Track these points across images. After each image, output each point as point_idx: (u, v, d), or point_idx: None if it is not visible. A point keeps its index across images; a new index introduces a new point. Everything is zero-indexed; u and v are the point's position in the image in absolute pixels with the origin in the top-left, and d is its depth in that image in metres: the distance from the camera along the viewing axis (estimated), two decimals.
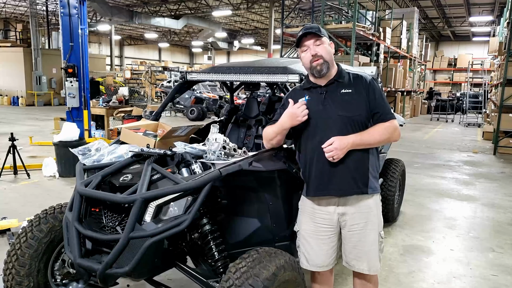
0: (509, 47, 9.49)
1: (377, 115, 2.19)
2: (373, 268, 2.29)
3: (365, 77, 2.25)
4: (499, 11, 20.64)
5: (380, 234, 2.29)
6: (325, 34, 2.23)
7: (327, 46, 2.21)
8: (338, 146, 2.08)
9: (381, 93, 2.24)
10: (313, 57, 2.17)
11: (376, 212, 2.28)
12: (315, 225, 2.31)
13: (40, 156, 7.88)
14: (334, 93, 2.21)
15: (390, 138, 2.23)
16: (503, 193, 6.38)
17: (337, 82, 2.23)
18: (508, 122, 9.92)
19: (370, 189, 2.22)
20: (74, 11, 7.12)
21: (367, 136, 2.15)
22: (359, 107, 2.17)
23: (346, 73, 2.26)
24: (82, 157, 2.71)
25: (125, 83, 24.80)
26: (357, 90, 2.20)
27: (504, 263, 3.88)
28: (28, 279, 2.50)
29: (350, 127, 2.16)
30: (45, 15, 24.49)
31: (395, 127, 2.20)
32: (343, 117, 2.16)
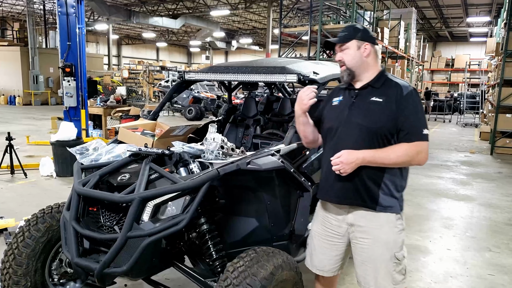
0: (506, 47, 9.52)
1: (402, 134, 1.99)
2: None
3: (403, 88, 2.04)
4: (496, 11, 20.72)
5: (395, 255, 2.10)
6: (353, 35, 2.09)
7: (352, 51, 2.09)
8: (344, 160, 1.97)
9: (415, 109, 2.00)
10: (338, 61, 2.13)
11: (388, 230, 2.09)
12: (323, 228, 2.26)
13: (37, 156, 7.86)
14: (364, 99, 2.08)
15: (411, 162, 2.00)
16: (500, 193, 6.40)
17: (371, 88, 2.09)
18: (505, 122, 9.96)
19: (379, 206, 2.06)
20: (71, 10, 7.11)
21: (381, 155, 1.98)
22: (382, 119, 2.00)
23: (387, 80, 2.10)
24: (80, 157, 2.70)
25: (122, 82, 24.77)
26: (388, 100, 2.02)
27: (500, 262, 3.90)
28: (25, 278, 2.50)
29: (367, 138, 2.02)
30: (42, 14, 24.42)
31: (418, 150, 1.97)
32: (362, 127, 2.03)
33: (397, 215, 2.11)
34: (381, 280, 2.12)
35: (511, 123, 9.90)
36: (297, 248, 2.83)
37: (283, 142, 2.64)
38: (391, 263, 2.11)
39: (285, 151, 2.57)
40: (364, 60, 2.10)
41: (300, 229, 2.75)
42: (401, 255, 2.13)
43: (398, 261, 2.12)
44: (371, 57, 2.12)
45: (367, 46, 2.10)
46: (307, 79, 2.99)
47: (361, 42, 2.10)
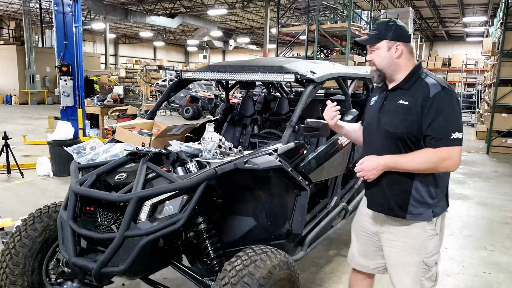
0: (502, 47, 9.56)
1: (428, 138, 1.89)
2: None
3: (430, 89, 1.90)
4: (492, 11, 20.78)
5: (424, 261, 2.03)
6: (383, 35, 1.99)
7: (382, 52, 2.00)
8: (365, 167, 1.94)
9: (442, 112, 1.86)
10: (369, 62, 2.08)
11: (418, 236, 2.02)
12: (359, 223, 2.31)
13: (34, 155, 7.83)
14: (392, 101, 2.01)
15: (436, 168, 1.89)
16: (496, 192, 6.43)
17: (399, 90, 2.00)
18: (501, 122, 10.00)
19: (409, 215, 1.98)
20: (68, 8, 7.08)
21: (405, 161, 1.90)
22: (405, 124, 1.92)
23: (418, 79, 1.98)
24: (77, 156, 2.70)
25: (120, 82, 24.71)
26: (414, 103, 1.91)
27: (496, 260, 3.92)
28: (22, 278, 2.49)
29: (391, 143, 1.97)
30: (38, 13, 24.31)
31: (445, 157, 1.85)
32: (386, 132, 1.98)
33: (429, 221, 2.02)
34: (409, 285, 2.07)
35: (507, 122, 9.94)
36: (295, 247, 2.84)
37: (281, 141, 2.65)
38: (420, 269, 2.04)
39: (283, 151, 2.57)
40: (395, 62, 2.00)
41: (297, 228, 2.75)
42: (432, 261, 2.06)
43: (428, 267, 2.05)
44: (403, 58, 2.01)
45: (398, 46, 1.99)
46: (304, 78, 3.00)
47: (392, 42, 1.99)
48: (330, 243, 4.11)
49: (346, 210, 3.54)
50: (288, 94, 5.41)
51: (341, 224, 3.54)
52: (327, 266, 3.63)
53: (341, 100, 4.34)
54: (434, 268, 2.08)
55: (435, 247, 2.06)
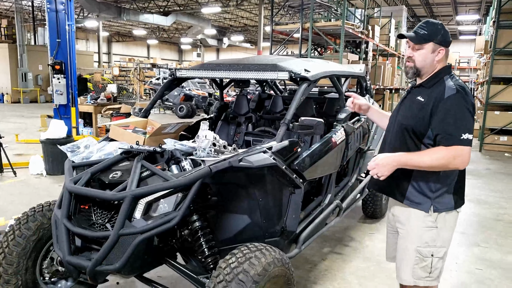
0: (495, 45, 9.64)
1: (438, 138, 2.00)
2: (401, 276, 2.24)
3: (446, 91, 2.02)
4: (485, 10, 20.93)
5: (418, 249, 2.15)
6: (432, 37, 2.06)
7: (426, 52, 2.08)
8: (379, 163, 2.04)
9: (454, 113, 1.98)
10: (408, 57, 2.15)
11: (415, 226, 2.15)
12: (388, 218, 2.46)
13: (27, 154, 7.78)
14: (412, 97, 2.16)
15: (447, 166, 1.98)
16: (489, 189, 6.49)
17: (421, 88, 2.15)
18: (493, 120, 10.08)
19: (407, 200, 2.15)
20: (60, 6, 7.04)
21: (416, 158, 2.01)
22: (418, 119, 2.06)
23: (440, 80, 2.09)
24: (71, 154, 2.69)
25: (113, 80, 24.56)
26: (428, 101, 2.05)
27: (489, 257, 3.96)
28: (16, 277, 2.48)
29: (403, 136, 2.12)
30: (30, 11, 24.10)
31: (455, 155, 1.95)
32: (400, 124, 2.16)
33: (427, 213, 2.12)
34: (402, 270, 2.24)
35: (499, 120, 10.03)
36: (289, 244, 2.85)
37: (275, 139, 2.66)
38: (413, 257, 2.17)
39: (277, 148, 2.58)
40: (434, 64, 2.11)
41: (291, 226, 2.76)
42: (426, 252, 2.15)
43: (421, 256, 2.16)
44: (442, 60, 2.12)
45: (441, 50, 2.09)
46: (298, 76, 3.01)
47: (437, 45, 2.08)
48: (324, 241, 4.13)
49: (340, 208, 3.55)
50: (282, 92, 5.42)
51: (335, 222, 3.56)
52: (321, 264, 3.65)
53: (335, 98, 4.36)
54: (429, 259, 2.16)
55: (431, 240, 2.15)
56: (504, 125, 9.95)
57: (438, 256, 2.17)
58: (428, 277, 2.19)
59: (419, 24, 2.12)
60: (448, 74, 2.11)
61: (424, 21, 2.13)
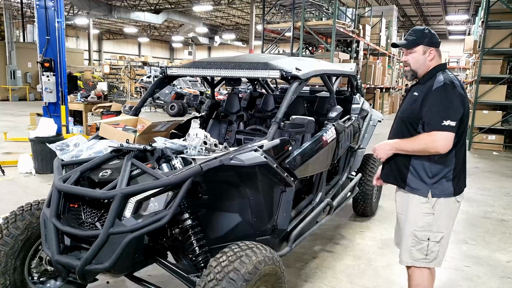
0: (483, 45, 9.74)
1: (424, 124, 2.26)
2: (401, 257, 2.47)
3: (435, 83, 2.27)
4: (474, 10, 21.16)
5: (414, 233, 2.37)
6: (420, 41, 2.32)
7: (418, 55, 2.34)
8: (377, 147, 2.43)
9: (435, 101, 2.21)
10: (404, 62, 2.43)
11: (413, 210, 2.37)
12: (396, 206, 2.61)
13: (16, 153, 7.68)
14: (411, 93, 2.41)
15: (427, 149, 2.22)
16: (476, 187, 6.57)
17: (418, 85, 2.40)
18: (482, 119, 10.20)
19: (408, 187, 2.38)
20: (50, 3, 6.96)
21: (404, 143, 2.32)
22: (412, 110, 2.32)
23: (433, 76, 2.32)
24: (60, 153, 2.66)
25: (104, 78, 24.36)
26: (420, 93, 2.31)
27: (476, 254, 4.01)
28: (4, 277, 2.46)
29: (403, 127, 2.38)
30: (19, 7, 23.79)
31: (434, 139, 2.18)
32: (399, 116, 2.43)
33: (424, 198, 2.33)
34: (402, 250, 2.45)
35: (488, 119, 10.14)
36: (280, 243, 2.86)
37: (266, 138, 2.66)
38: (410, 239, 2.39)
39: (268, 147, 2.58)
40: (427, 64, 2.35)
41: (282, 224, 2.77)
42: (422, 236, 2.35)
43: (417, 239, 2.37)
44: (435, 60, 2.36)
45: (432, 51, 2.34)
46: (290, 75, 3.01)
47: (427, 47, 2.34)
48: (315, 239, 4.15)
49: (330, 206, 3.57)
50: (274, 91, 5.43)
51: (325, 220, 3.57)
52: (312, 262, 3.67)
53: (326, 97, 4.38)
54: (425, 242, 2.35)
55: (427, 225, 2.34)
56: (492, 124, 10.07)
57: (435, 240, 2.35)
58: (424, 259, 2.38)
59: (408, 33, 2.40)
60: (441, 70, 2.34)
61: (411, 30, 2.41)
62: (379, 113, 5.09)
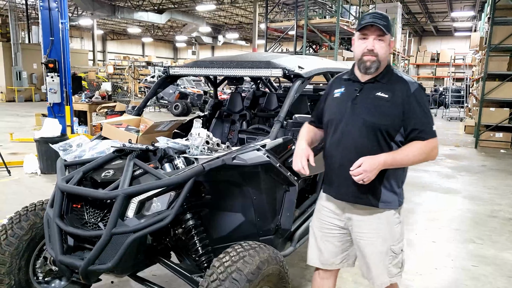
0: (490, 42, 9.65)
1: (415, 132, 1.96)
2: (378, 282, 2.15)
3: (410, 85, 1.99)
4: (480, 6, 20.97)
5: (391, 248, 2.11)
6: (390, 29, 1.99)
7: (386, 45, 2.00)
8: (368, 168, 1.87)
9: (424, 106, 1.98)
10: (368, 51, 1.98)
11: (387, 225, 2.10)
12: (322, 221, 2.26)
13: (21, 153, 7.72)
14: (369, 93, 2.02)
15: (426, 159, 1.99)
16: (483, 186, 6.52)
17: (377, 83, 2.03)
18: (489, 116, 10.11)
19: (382, 203, 2.05)
20: (54, 4, 6.98)
21: (401, 156, 1.94)
22: (389, 116, 1.96)
23: (393, 75, 2.05)
24: (63, 153, 2.66)
25: (108, 78, 24.45)
26: (394, 96, 1.97)
27: (483, 254, 3.97)
28: (9, 277, 2.46)
29: (371, 134, 1.98)
30: (24, 9, 23.93)
31: (433, 147, 1.97)
32: (368, 123, 1.98)
33: (397, 210, 2.11)
34: (378, 273, 2.14)
35: (495, 116, 10.06)
36: (283, 243, 2.84)
37: (269, 137, 2.64)
38: (388, 257, 2.12)
39: (271, 146, 2.57)
40: (387, 57, 2.04)
41: (286, 224, 2.75)
42: (398, 248, 2.13)
43: (395, 254, 2.13)
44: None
45: (392, 43, 2.05)
46: (292, 73, 2.99)
47: (391, 37, 2.04)
48: None
49: None
50: (277, 90, 5.41)
51: None
52: None
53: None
54: (400, 255, 2.16)
55: (400, 235, 2.15)
56: (499, 122, 9.99)
57: (403, 248, 2.19)
58: (399, 272, 2.18)
59: (375, 15, 1.97)
60: (391, 68, 2.08)
61: (376, 12, 2.00)
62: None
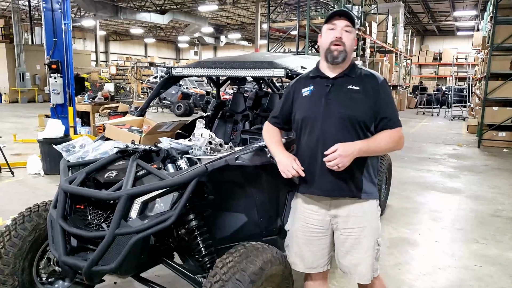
0: (493, 41, 9.62)
1: (385, 121, 2.04)
2: (365, 278, 2.15)
3: (377, 77, 2.10)
4: (482, 5, 20.91)
5: (377, 241, 2.15)
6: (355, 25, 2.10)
7: (352, 36, 2.06)
8: (342, 153, 1.89)
9: (391, 97, 2.09)
10: (336, 39, 2.01)
11: (371, 217, 2.13)
12: (305, 225, 2.21)
13: (25, 154, 7.75)
14: (340, 88, 2.06)
15: (396, 147, 2.07)
16: (486, 185, 6.49)
17: (347, 77, 2.08)
18: (491, 116, 10.08)
19: (364, 193, 2.08)
20: (56, 5, 7.01)
21: (374, 144, 2.00)
22: (364, 107, 2.01)
23: (359, 69, 2.12)
24: (66, 154, 2.67)
25: (110, 79, 24.52)
26: (365, 88, 2.04)
27: (487, 253, 3.96)
28: (13, 278, 2.46)
29: (350, 127, 2.01)
30: (27, 10, 24.01)
31: (401, 135, 2.06)
32: (344, 115, 2.01)
33: (377, 201, 2.19)
34: (366, 267, 2.14)
35: (497, 116, 10.03)
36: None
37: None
38: (374, 250, 2.15)
39: None
40: (352, 51, 2.11)
41: None
42: (380, 241, 2.20)
43: (379, 247, 2.19)
44: None
45: (355, 40, 2.13)
46: (295, 73, 2.99)
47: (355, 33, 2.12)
48: None
49: None
50: (279, 90, 5.40)
51: None
52: None
53: None
54: (380, 247, 2.20)
55: (380, 227, 2.21)
56: (502, 121, 9.95)
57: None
58: (378, 267, 2.22)
59: (343, 10, 2.08)
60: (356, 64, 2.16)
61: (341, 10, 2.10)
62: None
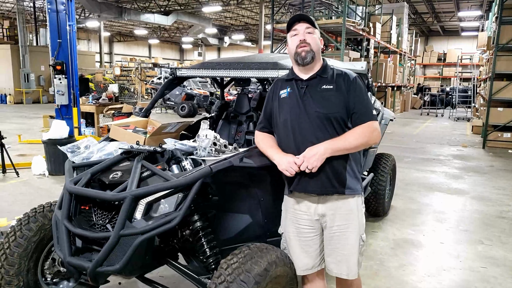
0: (498, 41, 9.57)
1: (355, 116, 2.09)
2: (351, 273, 2.20)
3: (349, 75, 2.16)
4: (487, 6, 20.82)
5: (361, 237, 2.21)
6: (316, 26, 2.18)
7: (317, 37, 2.16)
8: (306, 154, 2.01)
9: (363, 92, 2.13)
10: (300, 42, 2.11)
11: (357, 214, 2.19)
12: (297, 226, 2.25)
13: (29, 155, 7.79)
14: (315, 88, 2.14)
15: (369, 142, 2.09)
16: (491, 186, 6.46)
17: (320, 78, 2.16)
18: (496, 116, 10.03)
19: (348, 189, 2.13)
20: (61, 7, 7.04)
21: (340, 143, 2.03)
22: (338, 105, 2.08)
23: (331, 69, 2.19)
24: (71, 155, 2.68)
25: (115, 80, 24.59)
26: (338, 86, 2.11)
27: (492, 255, 3.94)
28: (18, 278, 2.47)
29: (328, 125, 2.07)
30: (32, 12, 24.16)
31: (372, 129, 2.08)
32: (320, 114, 2.07)
33: (362, 197, 2.24)
34: (353, 264, 2.19)
35: (502, 116, 9.98)
36: None
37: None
38: (359, 246, 2.20)
39: None
40: (320, 50, 2.19)
41: None
42: (364, 236, 2.24)
43: (363, 243, 2.23)
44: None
45: (321, 40, 2.23)
46: None
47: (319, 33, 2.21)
48: None
49: None
50: None
51: None
52: None
53: None
54: (364, 243, 2.25)
55: (364, 223, 2.25)
56: (507, 122, 9.90)
57: None
58: (361, 259, 2.25)
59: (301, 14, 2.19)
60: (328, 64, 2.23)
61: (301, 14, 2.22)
62: (390, 111, 5.03)
